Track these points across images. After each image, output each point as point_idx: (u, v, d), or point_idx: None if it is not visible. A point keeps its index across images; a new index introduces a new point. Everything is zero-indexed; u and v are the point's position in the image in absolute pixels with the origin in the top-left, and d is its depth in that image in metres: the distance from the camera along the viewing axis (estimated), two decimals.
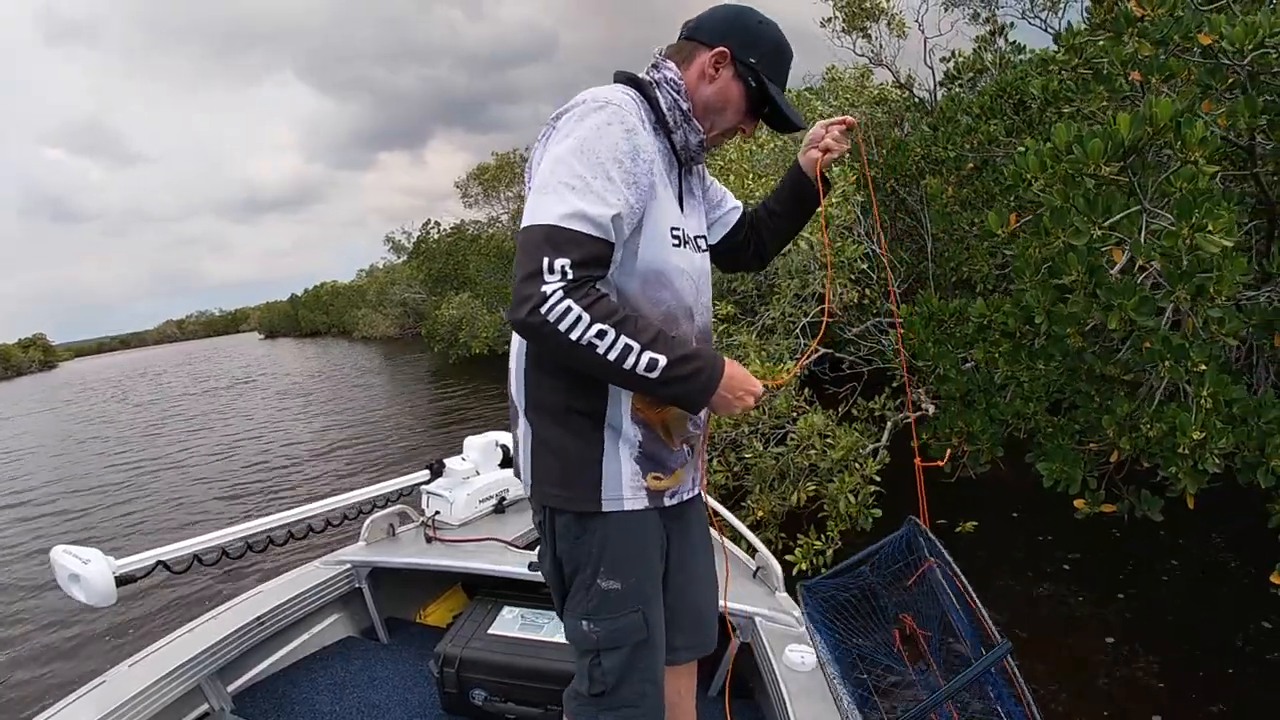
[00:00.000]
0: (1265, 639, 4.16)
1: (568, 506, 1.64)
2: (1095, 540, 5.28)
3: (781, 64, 1.75)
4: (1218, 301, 2.63)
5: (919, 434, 4.61)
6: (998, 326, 3.60)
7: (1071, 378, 3.62)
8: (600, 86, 1.62)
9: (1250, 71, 3.44)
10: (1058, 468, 3.53)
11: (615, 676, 1.71)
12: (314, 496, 3.84)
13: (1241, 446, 3.26)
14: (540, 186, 1.47)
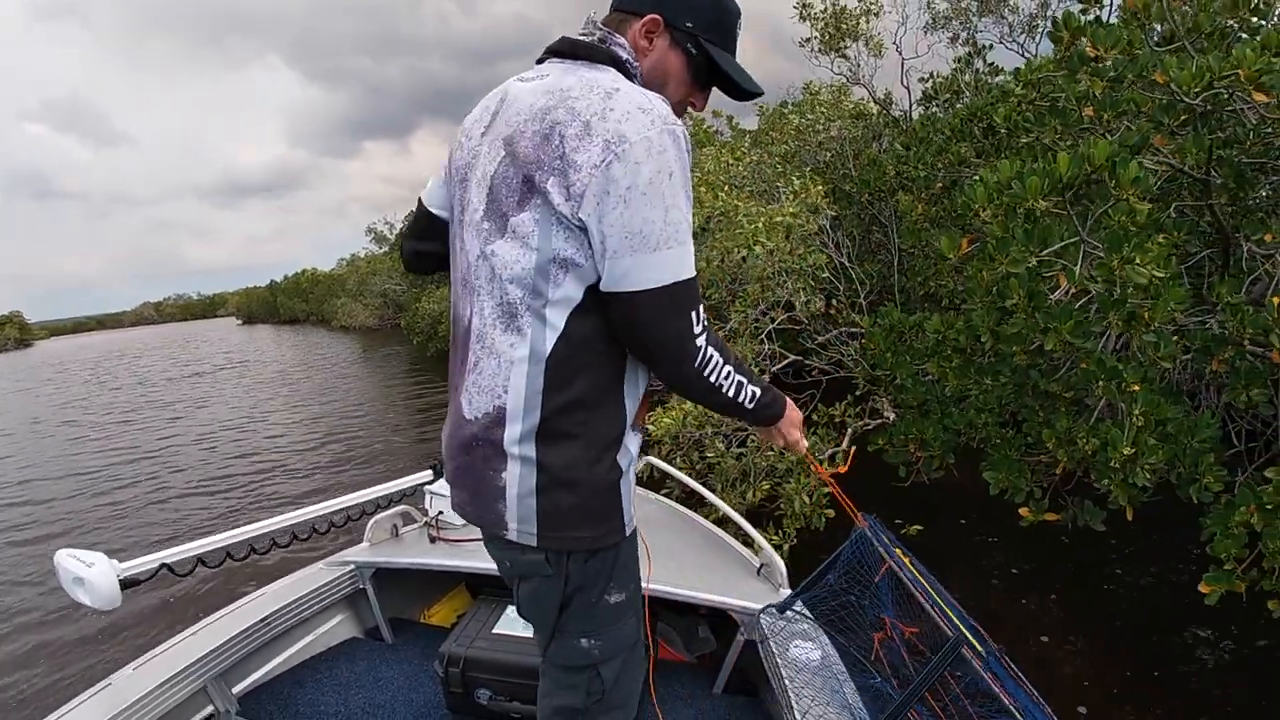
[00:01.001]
0: (1193, 644, 4.36)
1: (597, 545, 1.53)
2: (1044, 547, 5.47)
3: (725, 24, 1.56)
4: (1152, 327, 2.81)
5: (877, 439, 4.80)
6: (950, 342, 3.78)
7: (1019, 393, 3.81)
8: (614, 83, 1.40)
9: (1202, 110, 3.64)
10: (1003, 477, 3.71)
11: (610, 684, 1.67)
12: (298, 493, 3.89)
13: (1177, 463, 3.45)
14: (660, 236, 1.33)
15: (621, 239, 1.32)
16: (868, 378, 5.63)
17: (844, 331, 6.33)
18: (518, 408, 1.44)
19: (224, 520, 8.52)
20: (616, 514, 1.53)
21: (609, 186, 1.30)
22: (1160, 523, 4.90)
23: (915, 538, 4.65)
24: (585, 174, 1.31)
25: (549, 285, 1.39)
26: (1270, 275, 4.00)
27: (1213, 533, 3.22)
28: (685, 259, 1.36)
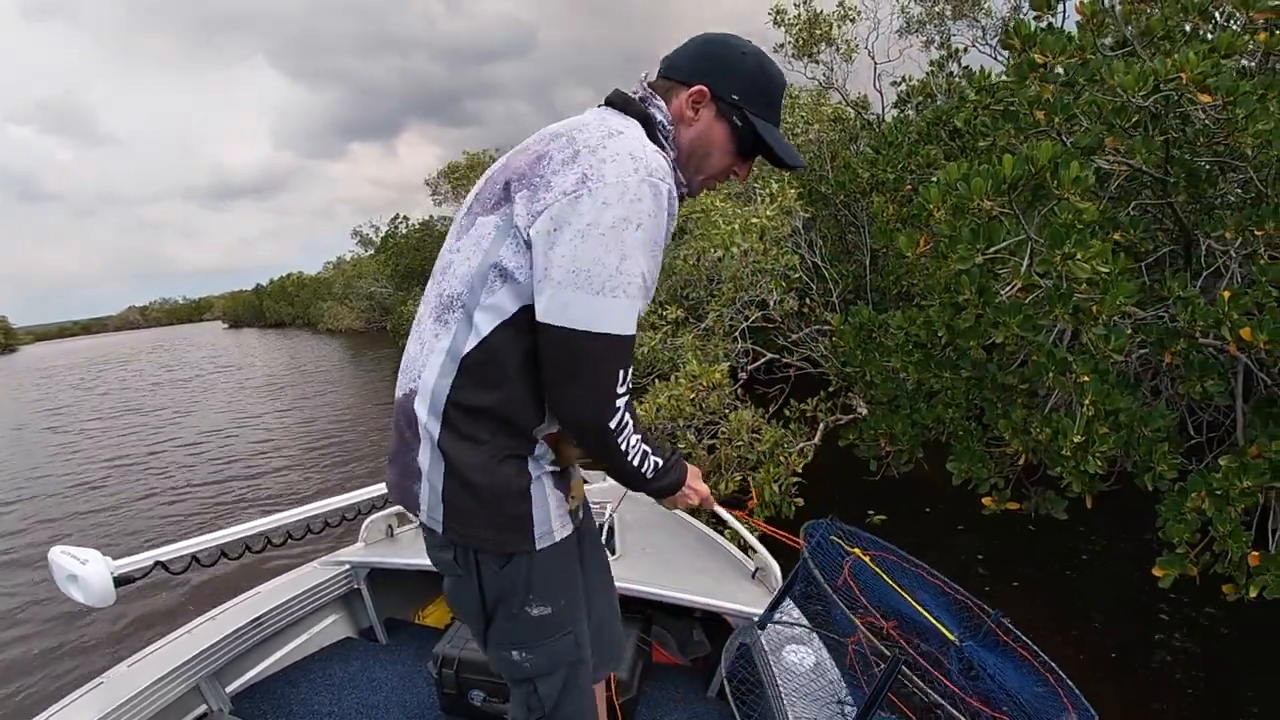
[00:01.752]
0: (1154, 627, 4.47)
1: (502, 550, 1.54)
2: (1011, 535, 5.58)
3: (770, 97, 1.56)
4: (1100, 320, 2.92)
5: (848, 434, 4.91)
6: (912, 338, 3.88)
7: (979, 386, 3.91)
8: (627, 131, 1.43)
9: (1154, 112, 3.75)
10: (965, 468, 3.81)
11: (552, 702, 1.66)
12: (287, 497, 3.91)
13: (1132, 451, 3.56)
14: (608, 282, 1.32)
15: (568, 271, 1.31)
16: (839, 374, 5.74)
17: (816, 329, 6.44)
18: (426, 395, 1.46)
19: (213, 524, 8.45)
20: (524, 523, 1.51)
21: (571, 217, 1.31)
22: (1126, 511, 5.01)
23: (879, 526, 4.75)
24: (553, 197, 1.33)
25: (483, 290, 1.40)
26: (1227, 270, 4.14)
27: (1166, 519, 3.33)
28: (628, 316, 1.35)
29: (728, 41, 1.55)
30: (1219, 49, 3.62)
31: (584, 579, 1.79)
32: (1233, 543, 3.07)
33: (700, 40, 1.57)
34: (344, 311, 43.69)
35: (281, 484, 10.27)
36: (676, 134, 1.53)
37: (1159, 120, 3.69)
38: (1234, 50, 3.75)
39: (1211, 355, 3.98)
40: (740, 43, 1.55)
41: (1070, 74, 3.48)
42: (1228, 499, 3.11)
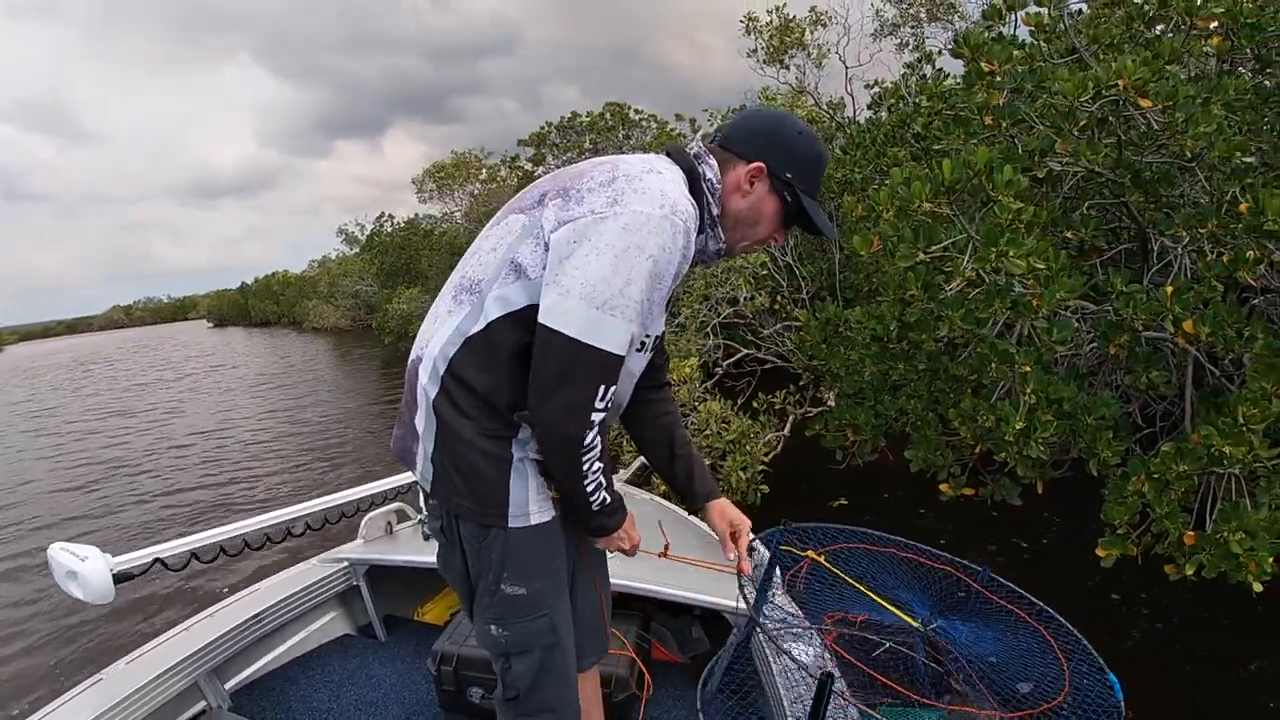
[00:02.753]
0: (1105, 605, 4.63)
1: (472, 519, 1.62)
2: (970, 521, 5.75)
3: (818, 177, 1.69)
4: (1040, 314, 3.07)
5: (815, 425, 5.05)
6: (869, 332, 4.03)
7: (933, 377, 4.06)
8: (664, 173, 1.55)
9: (1100, 116, 3.90)
10: (922, 455, 3.96)
11: (526, 682, 1.71)
12: (276, 497, 3.95)
13: (1079, 438, 3.71)
14: (610, 301, 1.41)
15: (578, 280, 1.41)
16: (805, 368, 5.89)
17: (785, 325, 6.59)
18: (429, 362, 1.57)
19: (204, 524, 8.26)
20: (499, 500, 1.58)
21: (592, 234, 1.42)
22: (1083, 496, 5.18)
23: (841, 510, 4.90)
24: (582, 211, 1.44)
25: (498, 280, 1.51)
26: (1179, 266, 4.30)
27: (1109, 501, 3.48)
28: (620, 336, 1.44)
29: (785, 121, 1.66)
30: (1162, 55, 3.78)
31: (578, 567, 1.90)
32: (1170, 524, 3.22)
33: (762, 117, 1.70)
34: (329, 310, 43.61)
35: (272, 486, 10.26)
36: (726, 199, 1.64)
37: (1106, 124, 3.85)
38: (1177, 57, 3.91)
39: (1158, 348, 4.14)
40: (796, 123, 1.66)
41: (1019, 81, 3.64)
42: (1165, 483, 3.27)
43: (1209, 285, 3.70)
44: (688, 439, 2.05)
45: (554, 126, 20.59)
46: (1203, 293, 3.69)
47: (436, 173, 30.14)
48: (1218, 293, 3.69)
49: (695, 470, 2.02)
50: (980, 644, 1.92)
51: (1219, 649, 4.18)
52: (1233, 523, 3.02)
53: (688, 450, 2.03)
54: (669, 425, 2.00)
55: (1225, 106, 3.88)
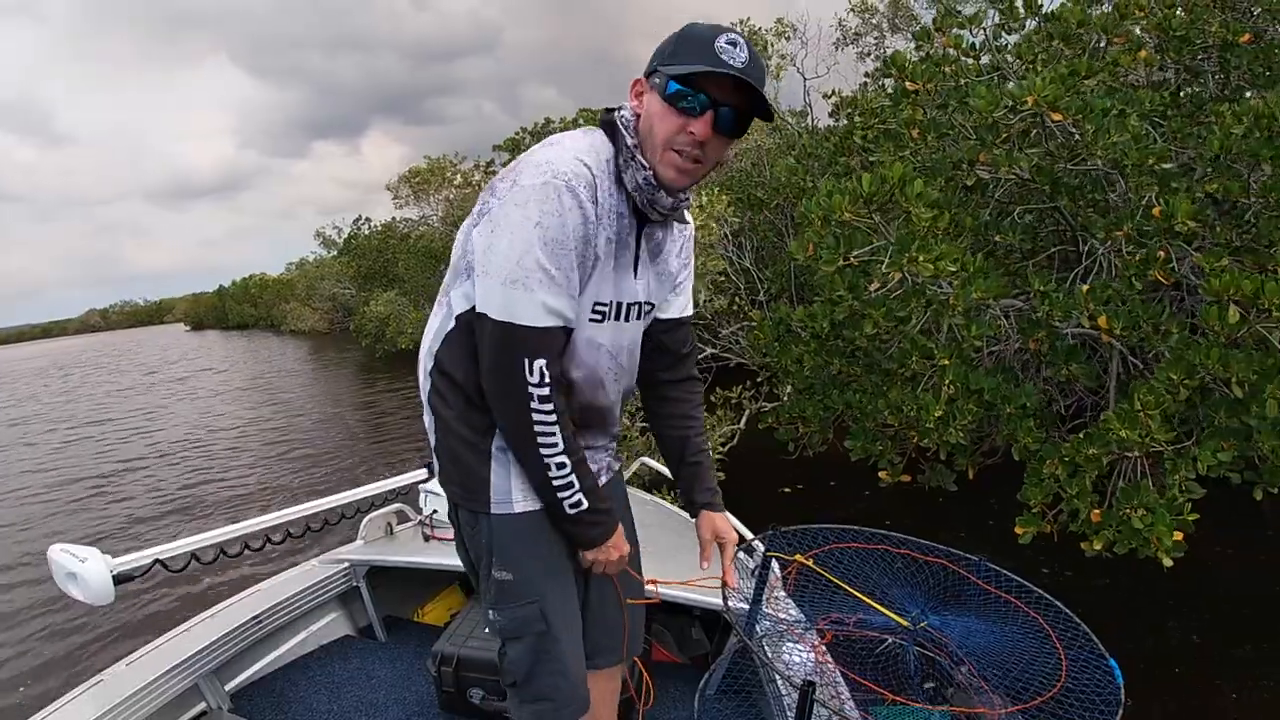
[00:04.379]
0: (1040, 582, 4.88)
1: (462, 504, 1.67)
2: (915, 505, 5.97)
3: (684, 45, 1.48)
4: (957, 311, 3.34)
5: (767, 417, 5.31)
6: (808, 330, 4.28)
7: (868, 371, 4.33)
8: (563, 141, 1.55)
9: (1022, 129, 4.17)
10: (861, 445, 4.22)
11: (522, 669, 1.71)
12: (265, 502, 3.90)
13: (1001, 427, 3.98)
14: (511, 274, 1.43)
15: (489, 263, 1.46)
16: (760, 365, 6.15)
17: (743, 325, 6.86)
18: (422, 360, 1.66)
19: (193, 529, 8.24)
20: (481, 486, 1.62)
21: (493, 218, 1.46)
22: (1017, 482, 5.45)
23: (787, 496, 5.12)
24: (494, 199, 1.48)
25: (460, 276, 1.56)
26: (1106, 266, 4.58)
27: (1027, 483, 3.75)
28: (531, 309, 1.44)
29: (681, 30, 1.53)
30: (1078, 72, 4.05)
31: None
32: (1080, 503, 3.50)
33: None
34: (307, 313, 43.43)
35: (253, 490, 10.16)
36: (640, 126, 1.55)
37: (1028, 136, 4.12)
38: (1092, 73, 4.19)
39: (1085, 343, 4.42)
40: (689, 26, 1.53)
41: (945, 97, 3.90)
42: (1076, 466, 3.54)
43: (1127, 284, 3.98)
44: (702, 446, 1.98)
45: (528, 132, 20.75)
46: (1121, 290, 3.97)
47: (412, 178, 30.09)
48: (1135, 290, 3.97)
49: (699, 480, 1.96)
50: (975, 637, 1.89)
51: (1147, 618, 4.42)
52: (1134, 500, 3.30)
53: (699, 459, 1.96)
54: (683, 430, 1.94)
55: (1142, 117, 4.16)
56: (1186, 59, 5.21)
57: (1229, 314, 3.48)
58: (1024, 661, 1.79)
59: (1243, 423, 3.56)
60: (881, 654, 2.06)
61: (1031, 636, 1.82)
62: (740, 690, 2.67)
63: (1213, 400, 3.77)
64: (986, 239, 4.56)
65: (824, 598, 2.13)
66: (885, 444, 4.28)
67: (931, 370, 3.63)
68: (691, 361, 1.97)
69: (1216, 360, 3.47)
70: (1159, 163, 4.00)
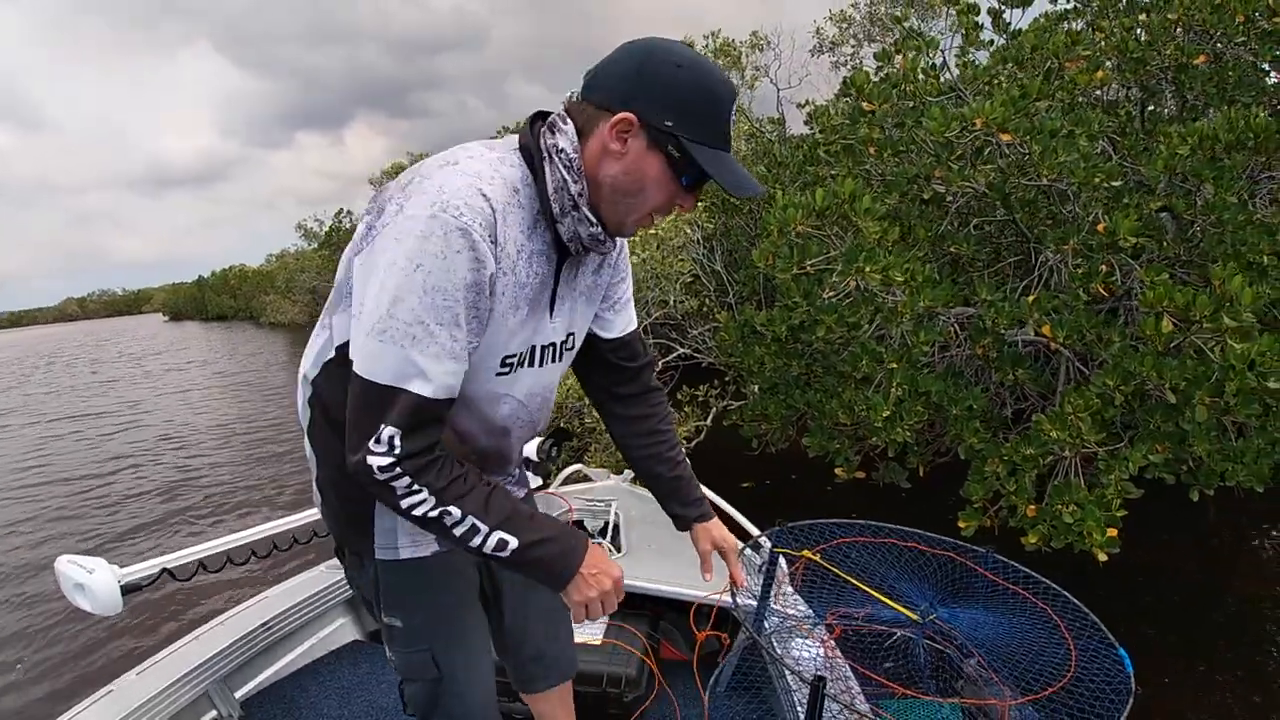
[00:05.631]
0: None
1: (345, 545, 1.58)
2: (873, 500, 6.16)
3: (711, 117, 1.24)
4: (906, 318, 3.55)
5: (732, 415, 5.51)
6: (769, 332, 4.48)
7: (826, 372, 4.54)
8: (465, 161, 1.25)
9: (975, 147, 4.39)
10: (818, 442, 4.43)
11: (421, 709, 1.66)
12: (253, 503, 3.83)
13: (949, 427, 4.20)
14: (377, 326, 1.19)
15: (360, 307, 1.23)
16: (726, 365, 6.37)
17: (711, 326, 7.08)
18: (301, 386, 1.48)
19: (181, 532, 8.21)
20: (364, 530, 1.49)
21: (371, 251, 1.23)
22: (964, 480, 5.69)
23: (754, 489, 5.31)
24: (379, 223, 1.23)
25: (341, 301, 1.34)
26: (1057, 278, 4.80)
27: (970, 480, 3.97)
28: (391, 364, 1.19)
29: (658, 52, 1.24)
30: (1029, 94, 4.27)
31: (504, 597, 1.81)
32: (1018, 499, 3.72)
33: (625, 53, 1.27)
34: (287, 305, 43.38)
35: (239, 492, 9.86)
36: (597, 167, 1.28)
37: (982, 154, 4.34)
38: (1044, 94, 4.41)
39: (1034, 349, 4.65)
40: (674, 53, 1.24)
41: (902, 116, 4.12)
42: (1014, 464, 3.76)
43: (1074, 295, 4.20)
44: (678, 459, 1.80)
45: (509, 130, 20.90)
46: (1068, 300, 4.19)
47: (394, 173, 29.99)
48: (1081, 301, 4.19)
49: (683, 494, 1.78)
50: (984, 629, 1.85)
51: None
52: (1065, 497, 3.52)
53: (677, 473, 1.78)
54: (653, 448, 1.77)
55: (1091, 137, 4.38)
56: (1143, 80, 5.46)
57: (1163, 324, 3.69)
58: (1033, 653, 1.75)
59: (1178, 426, 3.79)
60: (891, 648, 2.02)
61: (1040, 627, 1.79)
62: (750, 687, 2.61)
63: (1149, 405, 4.00)
64: (944, 249, 4.77)
65: (832, 593, 2.09)
66: (842, 442, 4.48)
67: (881, 373, 3.84)
68: (649, 373, 1.78)
69: (1151, 368, 3.68)
70: (1108, 180, 4.22)
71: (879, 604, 1.99)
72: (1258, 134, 4.11)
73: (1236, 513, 5.69)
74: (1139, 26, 5.28)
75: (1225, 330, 3.50)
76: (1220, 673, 4.02)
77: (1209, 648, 4.24)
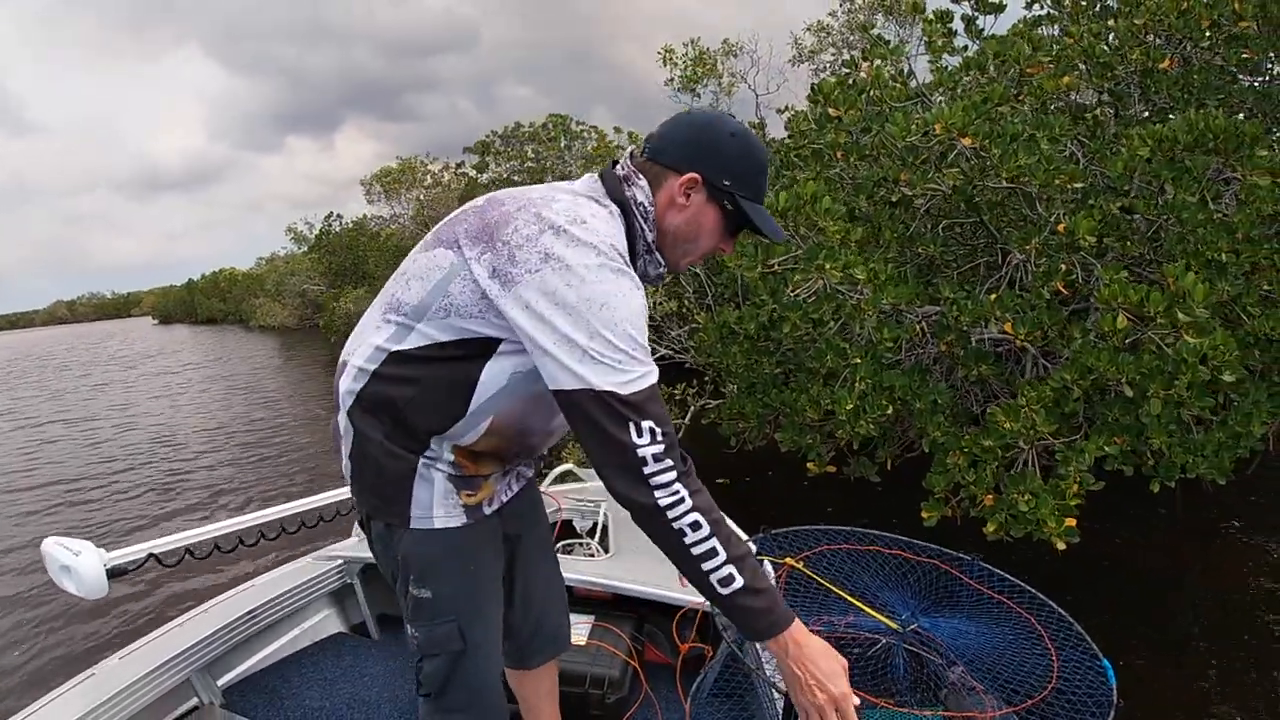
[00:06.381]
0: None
1: (379, 516, 1.64)
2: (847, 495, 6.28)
3: (759, 179, 1.57)
4: (869, 315, 3.68)
5: (710, 414, 5.63)
6: (741, 331, 4.61)
7: (797, 369, 4.67)
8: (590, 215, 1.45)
9: (939, 151, 4.52)
10: (791, 437, 4.56)
11: (436, 683, 1.70)
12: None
13: (916, 422, 4.32)
14: (582, 354, 1.33)
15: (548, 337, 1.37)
16: (704, 364, 6.50)
17: (691, 327, 7.22)
18: (351, 372, 1.58)
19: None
20: (402, 500, 1.58)
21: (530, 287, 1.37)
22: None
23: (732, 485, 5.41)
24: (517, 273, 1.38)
25: (428, 312, 1.48)
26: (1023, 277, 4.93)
27: (933, 472, 4.10)
28: (619, 377, 1.35)
29: (715, 124, 1.55)
30: (991, 99, 4.40)
31: (523, 573, 1.92)
32: (977, 490, 3.85)
33: (687, 123, 1.57)
34: (277, 309, 43.34)
35: (248, 485, 10.06)
36: (662, 218, 1.55)
37: (946, 158, 4.47)
38: (1005, 99, 4.55)
39: (1003, 346, 4.78)
40: (728, 124, 1.56)
41: (868, 121, 4.25)
42: (975, 456, 3.89)
43: (1036, 293, 4.33)
44: None
45: (497, 135, 21.05)
46: (1030, 299, 4.32)
47: (384, 177, 30.26)
48: (1043, 299, 4.32)
49: None
50: (966, 638, 1.86)
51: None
52: (1020, 487, 3.65)
53: None
54: None
55: (1053, 140, 4.52)
56: (1110, 84, 5.60)
57: (1118, 320, 3.82)
58: (1015, 663, 1.76)
59: (1137, 420, 3.92)
60: (873, 657, 1.98)
61: (1025, 637, 1.80)
62: (733, 694, 2.57)
63: (1108, 399, 4.13)
64: (915, 250, 4.91)
65: (815, 600, 2.06)
66: (814, 437, 4.61)
67: (846, 368, 3.97)
68: None
69: (1107, 363, 3.82)
70: (1071, 182, 4.35)
71: (859, 614, 1.97)
72: (1217, 135, 4.25)
73: (1209, 505, 5.82)
74: (1108, 32, 5.43)
75: (1181, 326, 3.63)
76: (1192, 664, 4.10)
77: (1180, 639, 4.34)
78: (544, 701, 2.16)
